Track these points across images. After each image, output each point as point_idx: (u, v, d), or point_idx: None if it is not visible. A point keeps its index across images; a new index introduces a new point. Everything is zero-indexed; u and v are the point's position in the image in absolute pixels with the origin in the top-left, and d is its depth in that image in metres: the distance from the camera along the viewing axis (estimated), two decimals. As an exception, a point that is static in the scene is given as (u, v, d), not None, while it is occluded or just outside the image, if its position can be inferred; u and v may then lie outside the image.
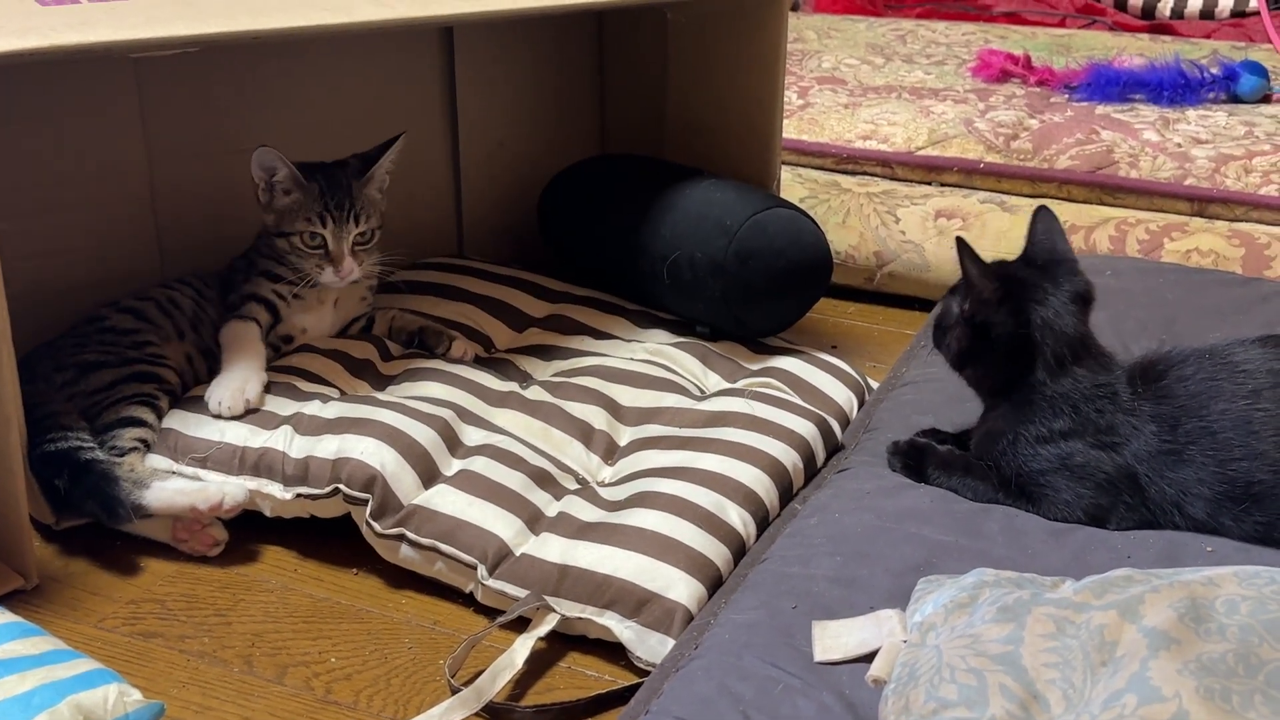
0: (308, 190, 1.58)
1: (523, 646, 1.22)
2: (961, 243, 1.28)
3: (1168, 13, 3.11)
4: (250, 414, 1.47)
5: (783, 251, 1.63)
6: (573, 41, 2.05)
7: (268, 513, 1.43)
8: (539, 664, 1.24)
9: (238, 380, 1.49)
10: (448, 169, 2.00)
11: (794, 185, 2.11)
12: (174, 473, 1.43)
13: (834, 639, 1.09)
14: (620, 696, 1.18)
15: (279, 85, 1.82)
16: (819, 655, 1.08)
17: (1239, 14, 3.02)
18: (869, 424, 1.51)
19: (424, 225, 1.95)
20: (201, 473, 1.43)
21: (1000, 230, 1.99)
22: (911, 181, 2.09)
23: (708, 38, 1.86)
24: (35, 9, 1.41)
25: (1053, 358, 1.26)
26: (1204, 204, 1.94)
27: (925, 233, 2.04)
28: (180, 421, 1.47)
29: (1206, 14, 3.05)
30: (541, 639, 1.24)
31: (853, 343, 1.93)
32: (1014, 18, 3.07)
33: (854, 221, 2.08)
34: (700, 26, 1.87)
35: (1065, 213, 1.98)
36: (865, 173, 2.11)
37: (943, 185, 2.07)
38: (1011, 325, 1.27)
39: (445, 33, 1.94)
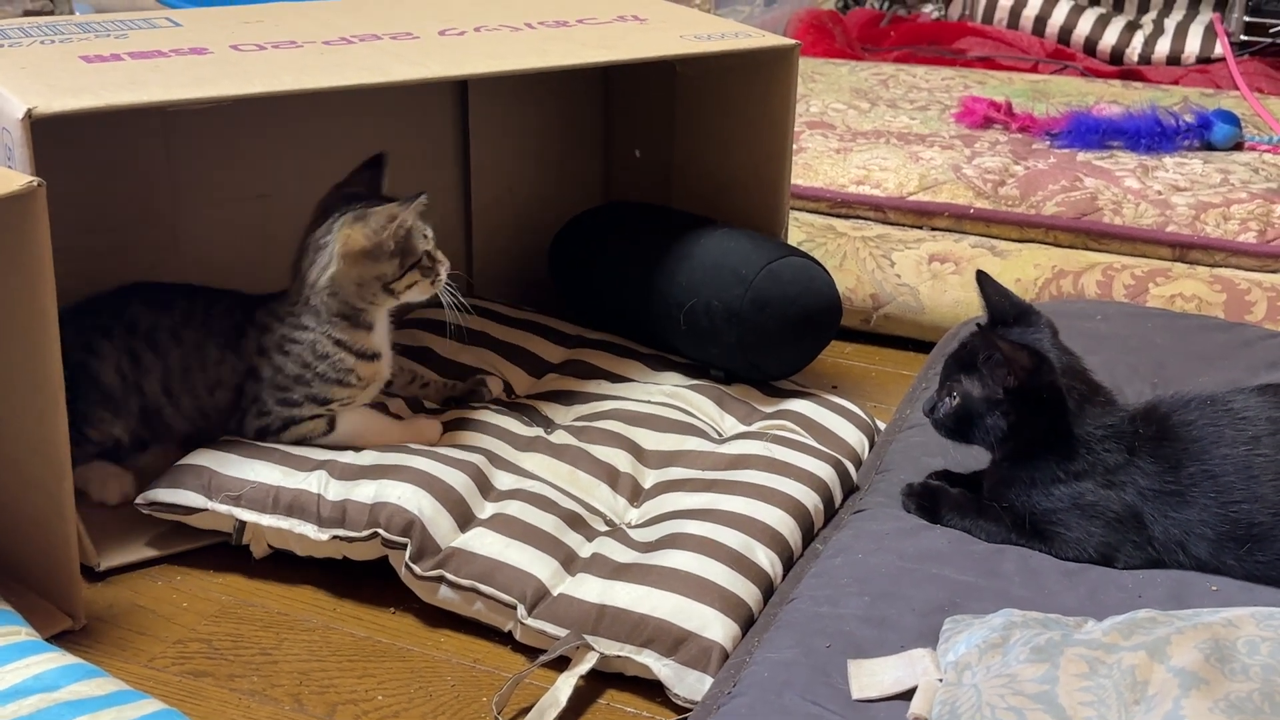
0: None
1: (565, 684, 1.27)
2: (985, 330, 1.35)
3: (1135, 58, 3.21)
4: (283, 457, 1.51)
5: (796, 299, 1.69)
6: (581, 91, 2.11)
7: (299, 552, 1.48)
8: (579, 701, 1.29)
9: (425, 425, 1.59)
10: (459, 213, 2.06)
11: (792, 229, 2.17)
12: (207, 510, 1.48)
13: (870, 677, 1.15)
14: (663, 732, 1.24)
15: (298, 131, 1.86)
16: (856, 693, 1.14)
17: (1204, 60, 3.12)
18: (880, 465, 1.57)
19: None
20: (237, 511, 1.47)
21: (993, 274, 2.05)
22: (904, 226, 2.16)
23: (717, 91, 1.91)
24: (83, 67, 1.46)
25: (1078, 399, 1.33)
26: (1185, 250, 2.02)
27: (920, 276, 2.11)
28: (213, 460, 1.51)
29: (1173, 60, 3.16)
30: (582, 677, 1.29)
31: (851, 383, 1.99)
32: (988, 62, 3.15)
33: (850, 265, 2.15)
34: (709, 80, 1.92)
35: (1054, 258, 2.06)
36: (859, 217, 2.18)
37: (934, 229, 2.14)
38: (1051, 379, 1.32)
39: (460, 83, 2.00)
